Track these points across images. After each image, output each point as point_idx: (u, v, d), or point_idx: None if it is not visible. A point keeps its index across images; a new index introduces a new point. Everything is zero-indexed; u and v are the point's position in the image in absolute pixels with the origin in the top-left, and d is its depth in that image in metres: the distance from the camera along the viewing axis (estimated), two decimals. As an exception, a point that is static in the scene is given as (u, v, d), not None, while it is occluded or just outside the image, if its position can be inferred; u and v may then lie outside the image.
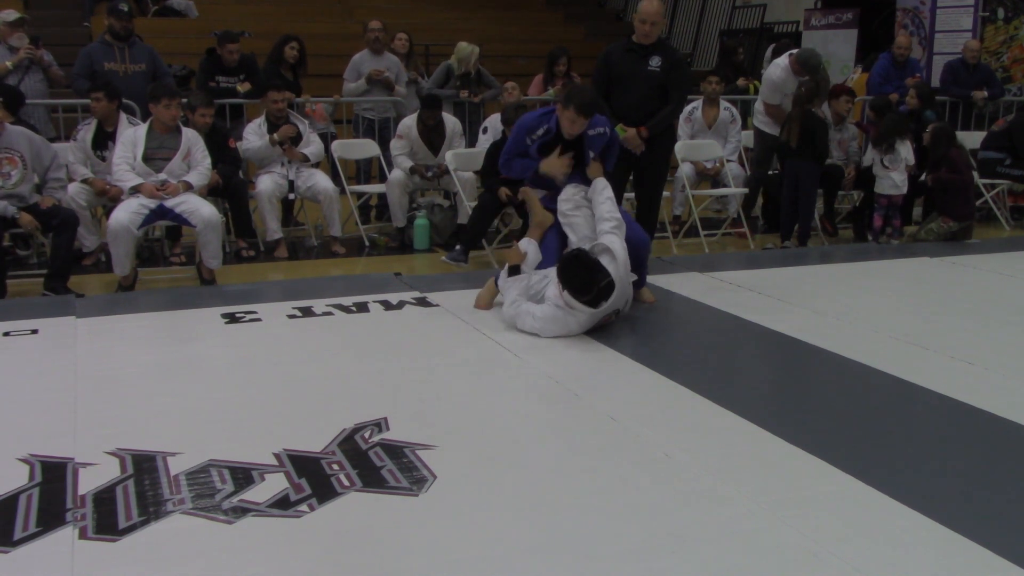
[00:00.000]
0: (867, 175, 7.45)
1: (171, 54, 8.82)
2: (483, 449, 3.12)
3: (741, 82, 9.74)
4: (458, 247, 6.51)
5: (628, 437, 3.22)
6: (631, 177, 5.96)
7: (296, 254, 7.17)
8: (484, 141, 7.45)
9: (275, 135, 6.98)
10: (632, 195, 6.20)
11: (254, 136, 7.08)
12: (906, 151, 7.22)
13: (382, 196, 7.80)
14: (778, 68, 7.52)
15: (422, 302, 5.06)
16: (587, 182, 4.97)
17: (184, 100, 6.45)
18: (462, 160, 7.28)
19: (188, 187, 5.92)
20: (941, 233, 7.22)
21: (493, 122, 7.56)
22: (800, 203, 7.14)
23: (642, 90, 5.77)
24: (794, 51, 7.70)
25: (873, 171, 7.30)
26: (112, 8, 7.28)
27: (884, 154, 7.19)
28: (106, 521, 2.60)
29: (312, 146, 7.21)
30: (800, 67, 7.36)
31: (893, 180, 7.19)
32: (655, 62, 5.77)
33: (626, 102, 5.80)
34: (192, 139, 6.13)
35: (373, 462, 2.98)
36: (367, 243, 7.40)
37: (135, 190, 5.80)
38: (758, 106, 7.81)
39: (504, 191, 6.45)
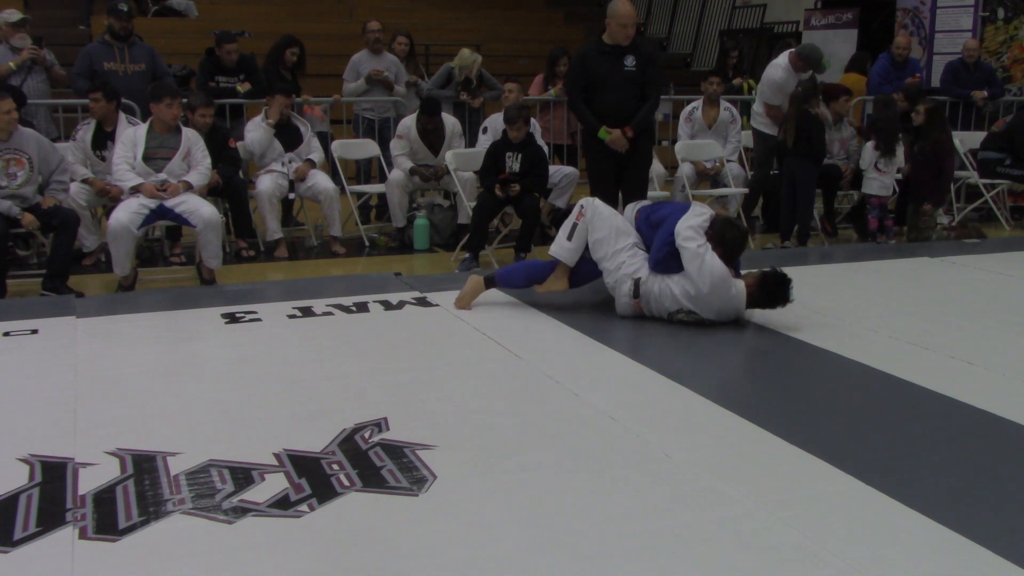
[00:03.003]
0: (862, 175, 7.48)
1: (171, 54, 8.83)
2: (483, 449, 3.12)
3: (737, 81, 9.76)
4: (467, 255, 6.53)
5: (628, 437, 3.22)
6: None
7: (296, 254, 7.17)
8: (484, 141, 7.45)
9: (270, 120, 7.00)
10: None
11: (255, 130, 7.10)
12: (900, 153, 7.27)
13: (382, 196, 7.81)
14: (778, 69, 7.50)
15: (422, 302, 5.06)
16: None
17: (184, 100, 6.45)
18: (462, 160, 7.28)
19: (188, 187, 5.92)
20: (929, 224, 7.30)
21: (493, 122, 7.57)
22: (798, 203, 7.15)
23: (621, 90, 5.88)
24: (792, 49, 7.69)
25: (866, 173, 7.32)
26: (112, 8, 7.29)
27: (884, 157, 7.21)
28: (106, 521, 2.59)
29: (315, 153, 7.23)
30: (801, 62, 7.35)
31: (884, 182, 7.24)
32: (630, 61, 5.89)
33: (608, 103, 5.88)
34: (192, 139, 6.14)
35: (373, 462, 2.98)
36: (367, 243, 7.40)
37: (135, 190, 5.80)
38: (756, 107, 7.80)
39: (504, 187, 6.47)
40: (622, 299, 4.61)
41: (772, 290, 4.49)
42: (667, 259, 4.47)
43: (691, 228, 4.43)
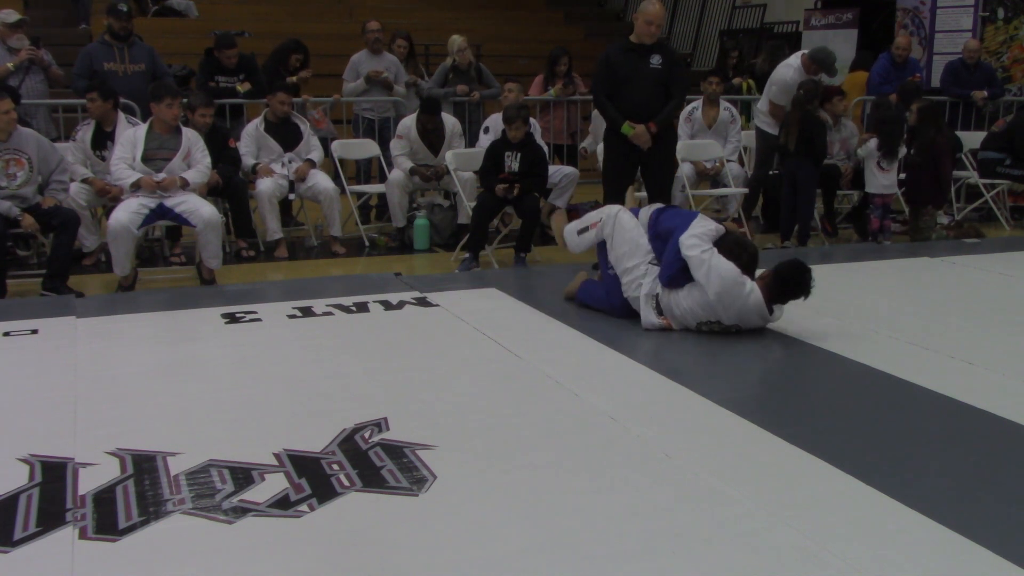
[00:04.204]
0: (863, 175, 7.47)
1: (171, 54, 8.84)
2: (483, 449, 3.12)
3: (736, 80, 9.77)
4: (467, 255, 6.53)
5: (628, 437, 3.22)
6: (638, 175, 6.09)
7: (296, 254, 7.17)
8: (486, 141, 7.44)
9: (259, 167, 6.98)
10: (643, 194, 6.27)
11: (251, 143, 7.08)
12: (902, 153, 7.28)
13: (382, 196, 7.81)
14: (790, 69, 7.45)
15: (422, 302, 5.06)
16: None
17: (184, 100, 6.45)
18: (462, 160, 7.28)
19: (185, 183, 5.91)
20: (929, 224, 7.30)
21: (495, 122, 7.56)
22: (799, 203, 7.16)
23: (646, 88, 5.95)
24: (806, 51, 7.67)
25: (867, 169, 7.32)
26: (111, 8, 7.29)
27: (885, 158, 7.22)
28: (106, 521, 2.59)
29: (315, 152, 7.22)
30: (815, 65, 7.35)
31: (886, 182, 7.24)
32: (655, 60, 5.97)
33: (632, 100, 5.96)
34: (192, 139, 6.14)
35: (373, 462, 2.98)
36: (367, 243, 7.40)
37: (136, 186, 5.80)
38: (760, 106, 7.78)
39: (501, 186, 6.47)
40: (649, 318, 4.53)
41: (787, 280, 4.37)
42: (678, 275, 4.41)
43: (694, 236, 4.36)
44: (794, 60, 7.53)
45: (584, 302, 4.94)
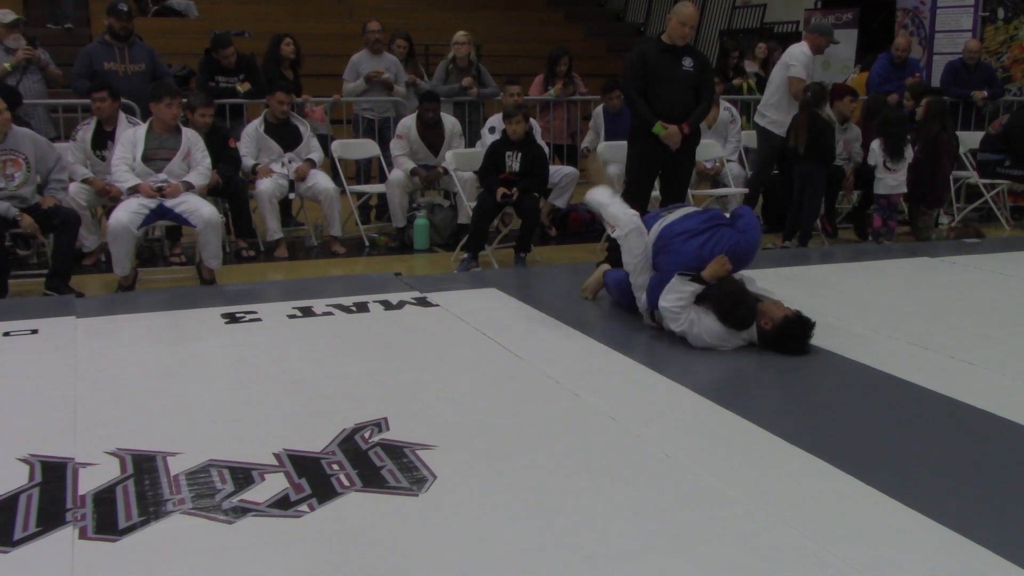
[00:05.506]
0: (866, 175, 7.46)
1: (171, 54, 8.84)
2: (483, 449, 3.12)
3: (737, 81, 9.76)
4: (466, 256, 6.53)
5: (628, 437, 3.22)
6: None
7: (296, 254, 7.17)
8: (491, 140, 7.44)
9: (258, 167, 6.99)
10: (656, 193, 6.28)
11: (251, 144, 7.09)
12: (908, 152, 7.27)
13: (382, 196, 7.81)
14: (797, 48, 7.45)
15: (422, 302, 5.06)
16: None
17: (184, 100, 6.45)
18: (462, 160, 7.28)
19: (188, 187, 5.92)
20: (929, 224, 7.34)
21: (499, 122, 7.56)
22: (805, 204, 7.16)
23: (679, 89, 6.05)
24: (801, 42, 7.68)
25: (876, 172, 7.31)
26: (112, 8, 7.29)
27: (892, 158, 7.21)
28: (106, 521, 2.59)
29: (315, 153, 7.23)
30: (816, 35, 7.38)
31: (892, 182, 7.24)
32: (688, 63, 6.05)
33: (666, 100, 6.03)
34: (192, 139, 6.14)
35: (373, 462, 2.98)
36: (367, 243, 7.40)
37: (133, 190, 5.80)
38: (765, 101, 7.71)
39: (501, 190, 6.46)
40: (647, 321, 4.55)
41: (789, 337, 4.18)
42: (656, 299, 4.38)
43: (669, 311, 4.25)
44: (799, 44, 7.51)
45: (609, 290, 4.97)
